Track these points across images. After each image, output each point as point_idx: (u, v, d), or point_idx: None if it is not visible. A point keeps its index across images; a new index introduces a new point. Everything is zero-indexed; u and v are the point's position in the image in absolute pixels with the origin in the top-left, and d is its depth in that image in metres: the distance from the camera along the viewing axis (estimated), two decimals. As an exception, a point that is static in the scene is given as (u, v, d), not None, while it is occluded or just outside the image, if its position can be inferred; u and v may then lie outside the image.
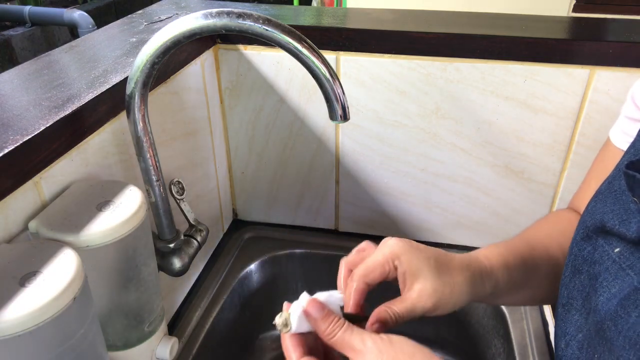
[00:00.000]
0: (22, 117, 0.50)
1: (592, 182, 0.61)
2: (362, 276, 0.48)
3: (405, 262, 0.48)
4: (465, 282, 0.50)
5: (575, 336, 0.48)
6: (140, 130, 0.53)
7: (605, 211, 0.45)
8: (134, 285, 0.53)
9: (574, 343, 0.48)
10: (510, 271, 0.53)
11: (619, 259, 0.42)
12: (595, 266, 0.45)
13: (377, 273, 0.48)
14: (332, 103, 0.48)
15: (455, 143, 0.82)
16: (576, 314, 0.48)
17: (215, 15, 0.46)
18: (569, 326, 0.49)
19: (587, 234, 0.47)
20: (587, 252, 0.47)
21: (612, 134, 0.59)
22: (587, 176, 0.63)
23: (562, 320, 0.50)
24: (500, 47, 0.73)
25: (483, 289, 0.51)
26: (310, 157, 0.89)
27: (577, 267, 0.48)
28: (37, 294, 0.39)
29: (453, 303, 0.49)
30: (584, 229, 0.48)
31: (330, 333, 0.42)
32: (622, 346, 0.39)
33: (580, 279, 0.47)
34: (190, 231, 0.67)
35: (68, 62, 0.65)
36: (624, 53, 0.70)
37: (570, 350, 0.48)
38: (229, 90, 0.86)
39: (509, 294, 0.55)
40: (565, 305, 0.50)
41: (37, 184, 0.49)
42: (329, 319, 0.42)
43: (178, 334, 0.75)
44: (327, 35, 0.78)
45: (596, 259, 0.45)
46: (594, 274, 0.45)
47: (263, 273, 0.91)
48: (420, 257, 0.49)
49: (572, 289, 0.49)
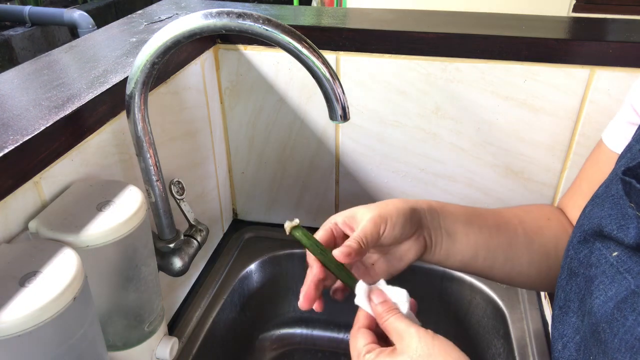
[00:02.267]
0: (22, 117, 0.50)
1: (582, 184, 0.62)
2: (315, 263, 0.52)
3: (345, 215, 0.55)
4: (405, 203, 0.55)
5: (572, 338, 0.48)
6: (140, 130, 0.53)
7: (603, 215, 0.45)
8: (134, 285, 0.53)
9: (571, 345, 0.48)
10: (447, 208, 0.58)
11: (616, 262, 0.42)
12: (591, 269, 0.45)
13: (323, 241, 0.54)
14: (332, 103, 0.48)
15: (455, 143, 0.82)
16: (573, 316, 0.48)
17: (215, 15, 0.46)
18: (566, 328, 0.49)
19: (584, 237, 0.47)
20: (583, 255, 0.47)
21: (605, 136, 0.59)
22: (577, 178, 0.63)
23: (559, 322, 0.50)
24: (500, 47, 0.73)
25: (424, 214, 0.56)
26: (310, 157, 0.89)
27: (573, 269, 0.48)
28: (37, 294, 0.39)
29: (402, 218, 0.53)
30: (581, 232, 0.48)
31: (384, 316, 0.46)
32: (617, 349, 0.39)
33: (577, 281, 0.48)
34: (190, 231, 0.67)
35: (68, 62, 0.65)
36: (624, 53, 0.70)
37: (567, 352, 0.48)
38: (229, 90, 0.85)
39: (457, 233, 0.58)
40: (562, 307, 0.50)
41: (37, 184, 0.49)
42: (386, 305, 0.47)
43: (178, 334, 0.75)
44: (327, 35, 0.78)
45: (593, 262, 0.45)
46: (590, 276, 0.45)
47: (263, 273, 0.91)
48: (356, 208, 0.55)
49: (569, 291, 0.49)
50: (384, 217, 0.52)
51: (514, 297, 0.81)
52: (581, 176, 0.63)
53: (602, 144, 0.59)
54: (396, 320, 0.45)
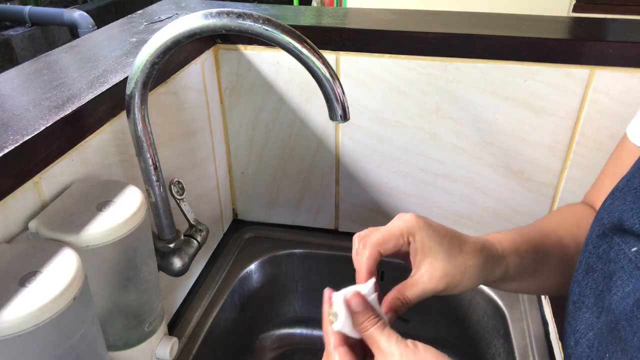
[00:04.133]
0: (22, 117, 0.50)
1: (606, 179, 0.61)
2: (376, 244, 0.48)
3: (419, 240, 0.48)
4: (476, 266, 0.49)
5: (585, 334, 0.47)
6: (140, 130, 0.53)
7: (624, 209, 0.44)
8: (134, 285, 0.53)
9: (583, 341, 0.47)
10: (521, 258, 0.53)
11: (635, 258, 0.41)
12: (610, 264, 0.44)
13: (391, 244, 0.49)
14: (332, 103, 0.48)
15: (455, 143, 0.82)
16: (587, 311, 0.47)
17: (215, 15, 0.46)
18: (579, 324, 0.48)
19: (603, 232, 0.46)
20: (602, 250, 0.46)
21: (629, 131, 0.58)
22: (601, 172, 0.63)
23: (572, 317, 0.49)
24: (500, 47, 0.73)
25: (493, 273, 0.51)
26: (310, 157, 0.89)
27: (591, 264, 0.47)
28: (37, 294, 0.39)
29: (463, 286, 0.49)
30: (600, 226, 0.47)
31: (364, 327, 0.43)
32: (637, 347, 0.39)
33: (594, 276, 0.47)
34: (190, 231, 0.67)
35: (68, 62, 0.65)
36: (624, 53, 0.70)
37: (579, 349, 0.47)
38: (229, 90, 0.85)
39: (518, 280, 0.55)
40: (576, 303, 0.49)
41: (37, 184, 0.49)
42: (367, 314, 0.43)
43: (178, 334, 0.75)
44: (327, 35, 0.78)
45: (612, 257, 0.44)
46: (609, 272, 0.44)
47: (263, 273, 0.91)
48: (434, 236, 0.49)
49: (585, 286, 0.48)
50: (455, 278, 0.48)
51: (514, 297, 0.81)
52: (605, 171, 0.62)
53: (626, 138, 0.58)
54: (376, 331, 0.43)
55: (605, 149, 0.77)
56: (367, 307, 0.44)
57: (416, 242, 0.49)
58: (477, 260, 0.49)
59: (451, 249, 0.49)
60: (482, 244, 0.51)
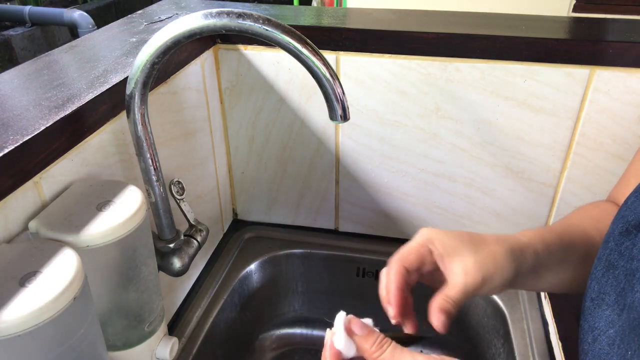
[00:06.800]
0: (22, 117, 0.50)
1: (631, 177, 0.60)
2: (398, 260, 0.49)
3: (440, 245, 0.49)
4: (505, 252, 0.49)
5: (605, 331, 0.46)
6: (140, 130, 0.53)
7: None
8: (134, 285, 0.53)
9: (603, 338, 0.46)
10: (547, 245, 0.53)
11: None
12: (633, 262, 0.44)
13: (413, 257, 0.49)
14: (332, 103, 0.48)
15: (455, 143, 0.82)
16: (607, 309, 0.47)
17: (215, 15, 0.46)
18: (598, 321, 0.47)
19: (626, 229, 0.46)
20: (625, 247, 0.45)
21: None
22: (627, 170, 0.62)
23: (590, 314, 0.49)
24: (500, 47, 0.73)
25: (525, 260, 0.51)
26: (310, 157, 0.89)
27: (612, 261, 0.47)
28: (37, 294, 0.39)
29: (500, 276, 0.49)
30: (623, 224, 0.46)
31: (377, 351, 0.40)
32: None
33: (615, 273, 0.46)
34: (190, 231, 0.67)
35: (68, 62, 0.65)
36: (624, 53, 0.70)
37: (598, 346, 0.47)
38: (229, 90, 0.86)
39: (550, 271, 0.54)
40: (595, 300, 0.48)
41: (37, 184, 0.49)
42: (373, 337, 0.41)
43: (178, 334, 0.75)
44: (327, 35, 0.78)
45: (635, 254, 0.44)
46: (632, 269, 0.43)
47: (263, 273, 0.91)
48: (453, 237, 0.49)
49: (605, 283, 0.47)
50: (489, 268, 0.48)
51: (514, 297, 0.81)
52: (630, 169, 0.62)
53: None
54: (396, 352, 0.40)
55: (605, 149, 0.77)
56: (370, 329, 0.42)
57: (438, 248, 0.49)
58: (503, 247, 0.49)
59: (473, 243, 0.49)
60: (502, 236, 0.52)
